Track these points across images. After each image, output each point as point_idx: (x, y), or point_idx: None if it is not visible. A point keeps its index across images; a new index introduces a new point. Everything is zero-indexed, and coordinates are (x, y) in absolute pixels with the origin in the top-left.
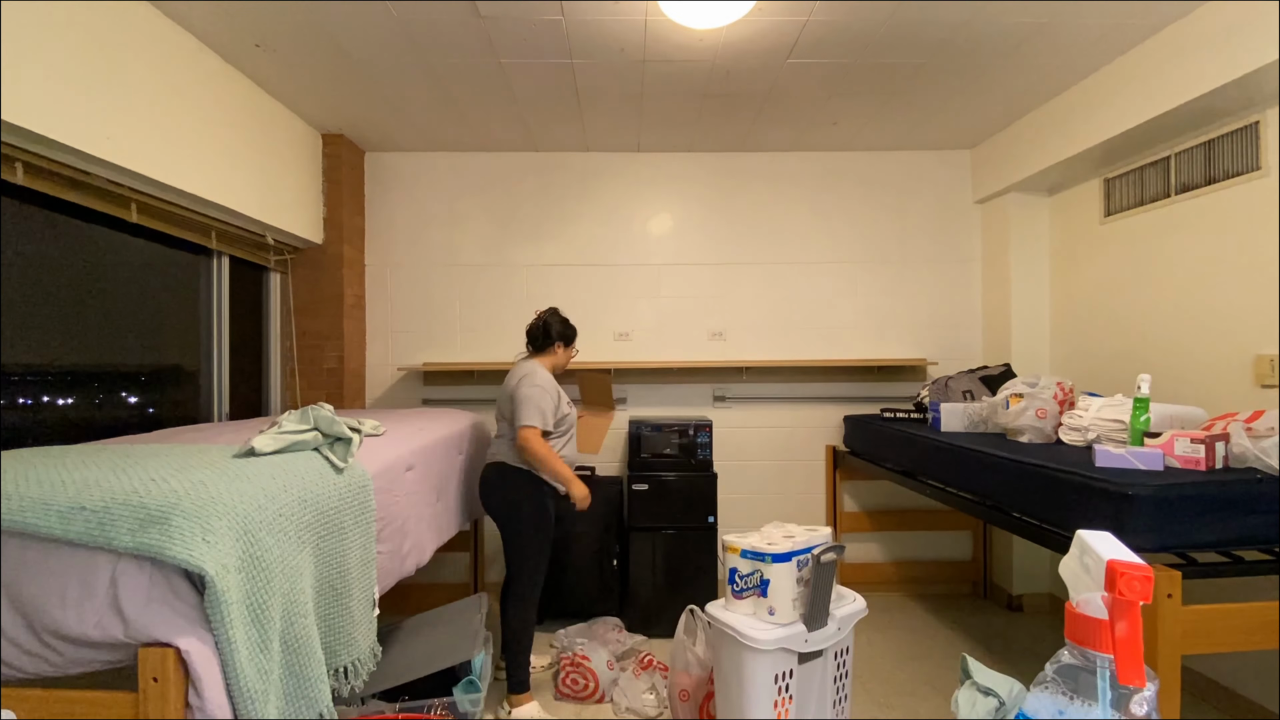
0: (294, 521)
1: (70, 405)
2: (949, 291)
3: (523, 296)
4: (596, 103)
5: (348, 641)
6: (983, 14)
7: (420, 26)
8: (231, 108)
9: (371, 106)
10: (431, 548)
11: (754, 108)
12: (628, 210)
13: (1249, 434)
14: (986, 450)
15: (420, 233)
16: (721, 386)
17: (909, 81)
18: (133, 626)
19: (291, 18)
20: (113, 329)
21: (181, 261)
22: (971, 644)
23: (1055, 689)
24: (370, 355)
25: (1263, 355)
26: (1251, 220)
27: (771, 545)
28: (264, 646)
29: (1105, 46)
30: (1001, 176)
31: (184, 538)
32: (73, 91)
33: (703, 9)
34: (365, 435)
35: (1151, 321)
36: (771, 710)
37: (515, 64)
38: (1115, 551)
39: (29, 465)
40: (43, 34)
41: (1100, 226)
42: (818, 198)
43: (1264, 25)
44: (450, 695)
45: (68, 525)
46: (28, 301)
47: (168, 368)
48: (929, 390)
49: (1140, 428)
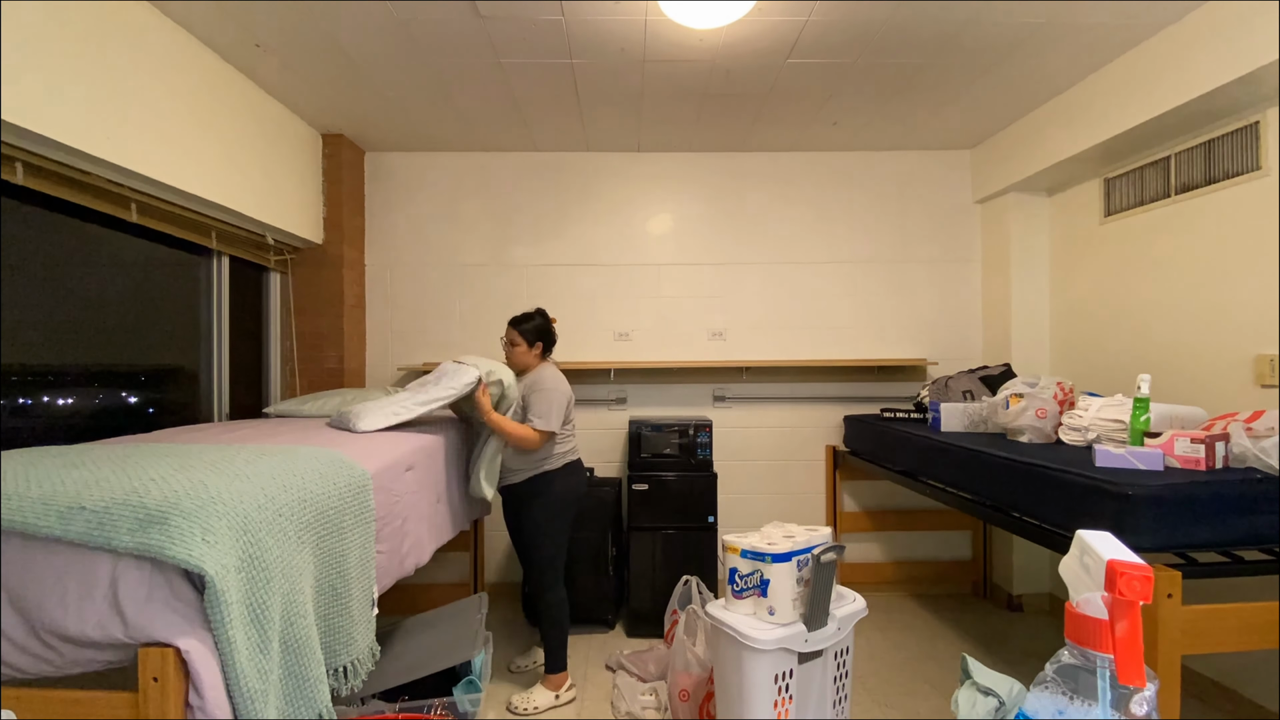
0: (294, 521)
1: (70, 405)
2: (949, 291)
3: (523, 296)
4: (596, 103)
5: (347, 641)
6: (983, 14)
7: (420, 26)
8: (231, 108)
9: (371, 107)
10: (431, 548)
11: (754, 108)
12: (628, 210)
13: (1249, 434)
14: (986, 450)
15: (420, 233)
16: (721, 386)
17: (909, 81)
18: (133, 626)
19: (291, 18)
20: (113, 329)
21: (181, 261)
22: (971, 644)
23: (1055, 689)
24: (370, 355)
25: (1263, 355)
26: (1251, 220)
27: (771, 545)
28: (264, 646)
29: (1105, 46)
30: (1001, 176)
31: (184, 538)
32: (73, 91)
33: (703, 9)
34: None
35: (1151, 321)
36: (771, 710)
37: (515, 64)
38: (1115, 551)
39: (29, 465)
40: (43, 34)
41: (1100, 226)
42: (818, 198)
43: (1264, 25)
44: (450, 695)
45: (68, 525)
46: (28, 301)
47: (168, 368)
48: (929, 390)
49: (1140, 428)
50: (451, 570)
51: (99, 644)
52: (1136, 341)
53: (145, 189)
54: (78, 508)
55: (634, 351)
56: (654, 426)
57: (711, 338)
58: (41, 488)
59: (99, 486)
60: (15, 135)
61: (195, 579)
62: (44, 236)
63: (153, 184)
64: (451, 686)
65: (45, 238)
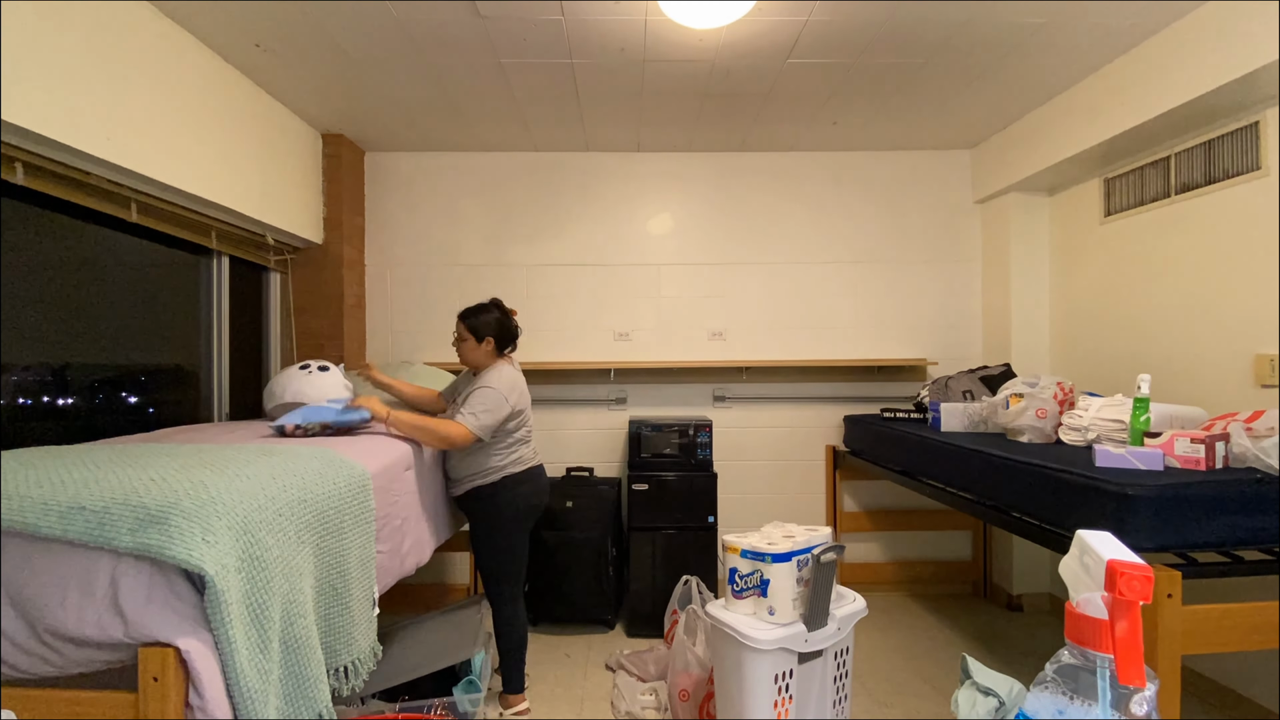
0: (294, 521)
1: (70, 405)
2: (949, 291)
3: (523, 296)
4: (596, 103)
5: (348, 641)
6: (983, 14)
7: (420, 26)
8: (231, 108)
9: (371, 106)
10: (431, 547)
11: (754, 108)
12: (627, 210)
13: (1249, 434)
14: (986, 450)
15: (420, 233)
16: (721, 386)
17: (909, 81)
18: (133, 626)
19: (291, 18)
20: (113, 329)
21: (181, 261)
22: (971, 644)
23: (1055, 689)
24: (370, 355)
25: (1263, 355)
26: (1251, 220)
27: (771, 545)
28: (264, 646)
29: (1105, 46)
30: (1001, 176)
31: (184, 537)
32: (73, 91)
33: (703, 9)
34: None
35: (1151, 321)
36: (771, 710)
37: (515, 64)
38: (1115, 551)
39: (29, 465)
40: (43, 34)
41: (1100, 226)
42: (817, 198)
43: (1264, 25)
44: (450, 695)
45: (68, 525)
46: (28, 301)
47: (168, 368)
48: (929, 390)
49: (1140, 428)
50: (451, 570)
51: (99, 644)
52: (1136, 341)
53: (145, 189)
54: (78, 508)
55: (634, 351)
56: (654, 426)
57: (711, 338)
58: (41, 488)
59: (99, 486)
60: (15, 135)
61: (195, 579)
62: (44, 236)
63: (153, 184)
64: (451, 686)
65: (45, 237)
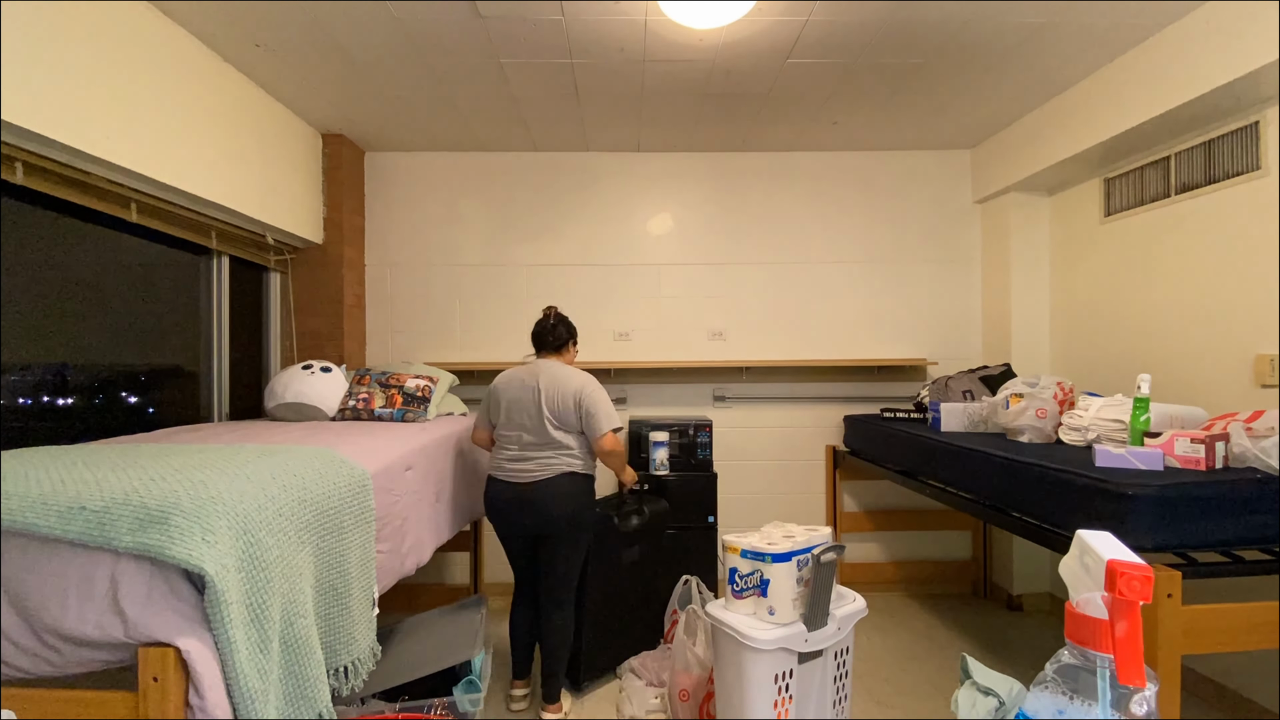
0: (294, 521)
1: (70, 405)
2: (949, 291)
3: (523, 296)
4: (596, 103)
5: (347, 641)
6: (983, 14)
7: (420, 26)
8: (231, 108)
9: (371, 106)
10: (431, 547)
11: (754, 108)
12: (628, 210)
13: (1249, 434)
14: (986, 450)
15: (420, 233)
16: (721, 386)
17: (909, 81)
18: (133, 626)
19: (291, 18)
20: (113, 329)
21: (181, 261)
22: (971, 644)
23: (1055, 689)
24: (370, 355)
25: (1263, 355)
26: (1251, 220)
27: (771, 545)
28: (264, 646)
29: (1105, 46)
30: (1001, 176)
31: (184, 537)
32: (73, 91)
33: (703, 9)
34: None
35: (1151, 321)
36: (771, 710)
37: (515, 64)
38: (1115, 551)
39: (29, 465)
40: (43, 34)
41: (1100, 226)
42: (817, 198)
43: (1264, 25)
44: (450, 695)
45: (68, 525)
46: (28, 301)
47: (168, 368)
48: (929, 390)
49: (1140, 428)
50: (451, 570)
51: (99, 644)
52: (1136, 341)
53: (145, 189)
54: (78, 508)
55: (634, 351)
56: (654, 426)
57: (711, 338)
58: (41, 488)
59: (99, 486)
60: (15, 135)
61: (195, 579)
62: (44, 236)
63: (153, 184)
64: (451, 686)
65: (45, 238)
